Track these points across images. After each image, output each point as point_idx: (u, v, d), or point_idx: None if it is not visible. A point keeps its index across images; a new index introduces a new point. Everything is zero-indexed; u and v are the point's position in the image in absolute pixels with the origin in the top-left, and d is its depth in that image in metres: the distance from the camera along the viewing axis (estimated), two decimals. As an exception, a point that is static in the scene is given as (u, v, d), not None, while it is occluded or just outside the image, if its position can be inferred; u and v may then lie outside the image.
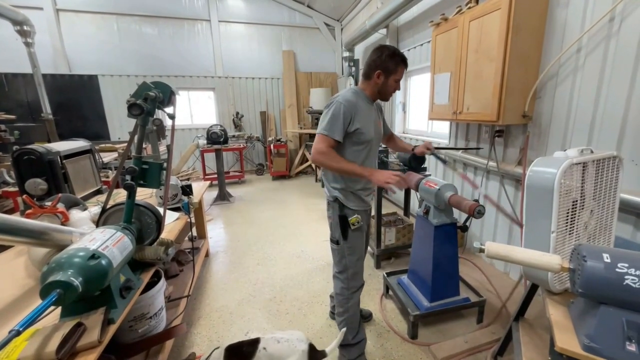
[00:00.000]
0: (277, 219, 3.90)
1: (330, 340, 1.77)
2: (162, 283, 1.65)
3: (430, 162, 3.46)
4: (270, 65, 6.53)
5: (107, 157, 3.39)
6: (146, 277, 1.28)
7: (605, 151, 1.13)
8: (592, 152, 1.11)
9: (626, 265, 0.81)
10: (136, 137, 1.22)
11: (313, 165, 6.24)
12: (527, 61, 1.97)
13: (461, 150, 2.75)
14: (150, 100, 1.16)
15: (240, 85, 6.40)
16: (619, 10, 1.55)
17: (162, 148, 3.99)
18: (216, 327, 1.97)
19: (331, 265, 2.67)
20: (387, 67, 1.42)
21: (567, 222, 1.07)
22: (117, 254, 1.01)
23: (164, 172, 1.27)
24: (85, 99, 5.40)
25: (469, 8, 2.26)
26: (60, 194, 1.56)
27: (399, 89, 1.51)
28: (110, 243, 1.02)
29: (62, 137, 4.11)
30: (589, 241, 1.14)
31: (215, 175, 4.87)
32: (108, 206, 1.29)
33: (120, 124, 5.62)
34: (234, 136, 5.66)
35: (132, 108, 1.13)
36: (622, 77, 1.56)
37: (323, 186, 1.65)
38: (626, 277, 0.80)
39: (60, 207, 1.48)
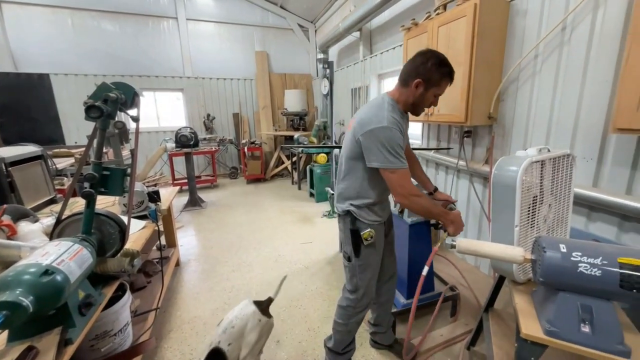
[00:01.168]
0: (253, 223, 3.83)
1: (313, 354, 1.78)
2: (128, 297, 1.57)
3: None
4: (243, 66, 6.43)
5: (62, 163, 3.14)
6: (109, 291, 1.21)
7: (560, 150, 1.24)
8: (549, 150, 1.22)
9: (580, 254, 0.90)
10: (95, 142, 1.15)
11: (289, 168, 6.21)
12: (492, 66, 2.11)
13: (433, 150, 2.88)
14: (111, 102, 1.10)
15: (212, 86, 6.24)
16: (570, 21, 1.71)
17: (126, 152, 3.78)
18: (188, 339, 1.90)
19: (308, 268, 2.70)
20: (430, 78, 1.22)
21: (528, 216, 1.15)
22: (74, 269, 0.95)
23: (128, 178, 1.21)
24: (35, 99, 4.96)
25: (438, 14, 2.38)
26: (5, 205, 1.43)
27: (435, 105, 1.33)
28: (67, 257, 0.95)
29: (8, 142, 3.76)
30: (548, 233, 1.24)
31: (186, 180, 4.69)
32: (63, 217, 1.20)
33: (77, 127, 5.24)
34: (205, 139, 5.49)
35: (90, 110, 1.07)
36: (573, 82, 1.72)
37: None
38: (580, 264, 0.88)
39: (6, 219, 1.36)
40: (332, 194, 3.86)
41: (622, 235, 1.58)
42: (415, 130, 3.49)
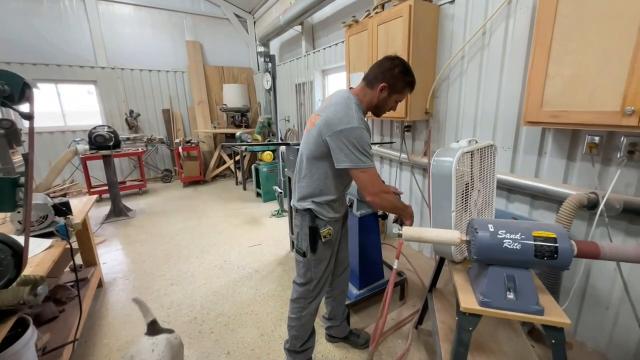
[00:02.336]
0: (193, 230, 3.58)
1: (273, 355, 1.75)
2: (32, 332, 1.33)
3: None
4: (172, 57, 5.94)
5: None
6: (3, 329, 1.00)
7: (485, 141, 1.43)
8: (476, 142, 1.39)
9: (504, 231, 1.05)
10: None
11: (232, 167, 5.96)
12: (426, 64, 2.33)
13: (377, 145, 3.06)
14: (-7, 91, 0.91)
15: (134, 78, 5.61)
16: (489, 27, 1.98)
17: (19, 158, 3.17)
18: (120, 370, 1.69)
19: (258, 272, 2.63)
20: (395, 84, 1.33)
21: (462, 202, 1.31)
22: (-48, 300, 0.76)
23: (22, 189, 1.02)
24: None
25: (377, 13, 2.53)
26: None
27: (394, 110, 1.46)
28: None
29: None
30: (478, 215, 1.42)
31: (106, 188, 4.15)
32: None
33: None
34: (128, 139, 4.92)
35: (-34, 99, 0.87)
36: (493, 81, 2.01)
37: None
38: (505, 241, 1.03)
39: None
40: (280, 193, 3.82)
41: (533, 212, 1.90)
42: (359, 126, 3.66)
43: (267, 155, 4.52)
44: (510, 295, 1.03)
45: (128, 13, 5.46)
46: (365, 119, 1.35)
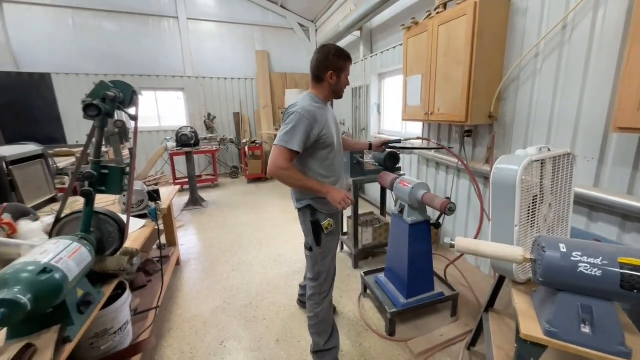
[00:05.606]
0: (253, 222, 3.83)
1: (307, 337, 1.76)
2: (127, 295, 1.57)
3: (404, 161, 3.57)
4: (244, 65, 6.43)
5: (63, 162, 3.14)
6: (108, 290, 1.21)
7: (561, 149, 1.23)
8: (549, 150, 1.21)
9: (580, 253, 0.89)
10: (94, 140, 1.15)
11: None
12: (492, 64, 2.10)
13: (433, 150, 2.87)
14: (109, 100, 1.10)
15: (212, 85, 6.24)
16: (570, 19, 1.70)
17: (126, 152, 3.78)
18: (188, 338, 1.90)
19: (309, 268, 2.70)
20: (337, 66, 1.45)
21: (528, 216, 1.14)
22: (73, 267, 0.95)
23: (127, 177, 1.21)
24: (36, 99, 4.98)
25: (438, 13, 2.36)
26: (5, 204, 1.43)
27: (349, 84, 1.56)
28: (65, 255, 0.95)
29: (10, 141, 3.75)
30: (548, 233, 1.23)
31: (186, 180, 4.69)
32: (63, 215, 1.20)
33: (78, 127, 5.25)
34: (205, 138, 5.49)
35: (88, 109, 1.06)
36: (574, 81, 1.71)
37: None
38: (580, 264, 0.87)
39: (6, 217, 1.36)
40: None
41: (623, 235, 1.57)
42: (416, 129, 3.48)
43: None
44: (586, 330, 0.87)
45: (211, 29, 6.10)
46: (321, 110, 1.43)
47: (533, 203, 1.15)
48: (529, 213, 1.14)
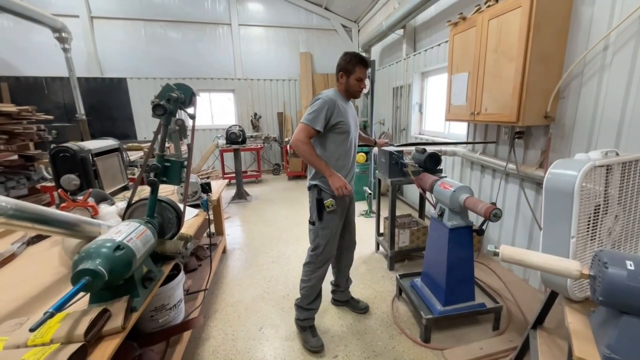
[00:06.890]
0: (292, 218, 3.94)
1: (340, 335, 1.79)
2: (182, 276, 1.72)
3: (446, 163, 3.38)
4: (288, 67, 6.62)
5: (133, 156, 3.55)
6: (166, 269, 1.34)
7: (632, 154, 1.07)
8: (617, 154, 1.06)
9: (651, 273, 0.77)
10: (159, 136, 1.28)
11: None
12: (549, 60, 1.89)
13: (478, 153, 2.67)
14: (173, 101, 1.22)
15: (259, 86, 6.53)
16: (652, 6, 1.46)
17: (184, 147, 4.14)
18: (231, 321, 2.03)
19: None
20: (347, 69, 1.66)
21: (588, 227, 1.02)
22: (140, 246, 1.07)
23: (185, 170, 1.33)
24: (115, 100, 5.70)
25: (488, 7, 2.19)
26: (90, 189, 1.66)
27: (364, 87, 1.73)
28: (134, 235, 1.08)
29: (94, 136, 4.36)
30: (613, 248, 1.08)
31: (234, 175, 4.99)
32: (133, 201, 1.36)
33: (146, 125, 5.89)
34: (251, 136, 5.78)
35: (156, 108, 1.19)
36: (654, 76, 1.47)
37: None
38: (651, 286, 0.76)
39: (91, 201, 1.58)
40: (370, 194, 3.80)
41: None
42: (460, 130, 3.28)
43: (360, 157, 4.55)
44: (654, 359, 0.75)
45: (259, 33, 6.38)
46: (342, 103, 1.66)
47: (595, 213, 1.02)
48: (589, 224, 1.02)
